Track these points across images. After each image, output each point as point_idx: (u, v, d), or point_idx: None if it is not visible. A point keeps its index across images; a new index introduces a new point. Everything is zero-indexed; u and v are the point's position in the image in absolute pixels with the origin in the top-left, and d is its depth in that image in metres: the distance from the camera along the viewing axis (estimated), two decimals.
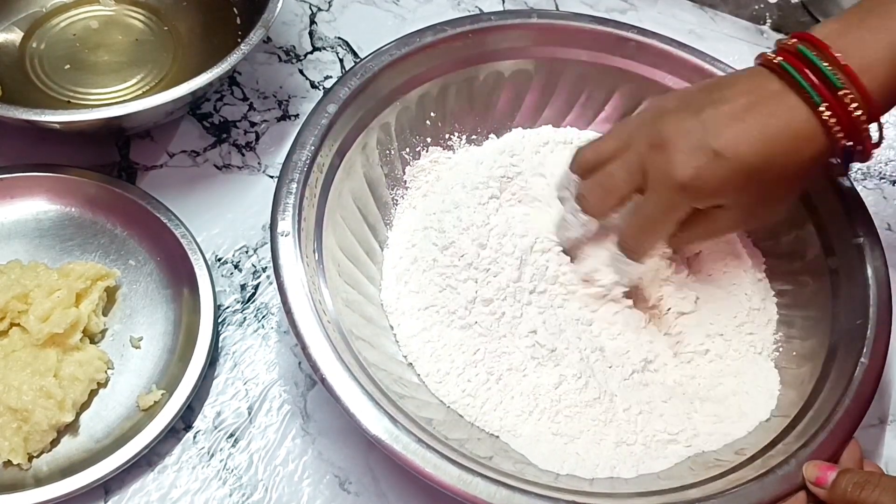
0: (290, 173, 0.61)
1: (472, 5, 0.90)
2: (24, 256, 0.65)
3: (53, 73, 0.75)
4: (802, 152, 0.54)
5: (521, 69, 0.73)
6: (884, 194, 0.80)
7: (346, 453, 0.60)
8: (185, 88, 0.65)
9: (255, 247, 0.70)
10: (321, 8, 0.87)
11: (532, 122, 0.74)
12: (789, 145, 0.54)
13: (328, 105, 0.64)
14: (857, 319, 0.59)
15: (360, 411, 0.52)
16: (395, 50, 0.68)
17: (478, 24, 0.71)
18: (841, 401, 0.55)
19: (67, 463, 0.57)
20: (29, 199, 0.68)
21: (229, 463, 0.59)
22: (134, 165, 0.73)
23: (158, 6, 0.81)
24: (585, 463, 0.57)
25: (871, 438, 0.64)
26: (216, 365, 0.63)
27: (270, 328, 0.65)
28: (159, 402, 0.58)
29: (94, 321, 0.61)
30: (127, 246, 0.67)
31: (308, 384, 0.63)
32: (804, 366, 0.61)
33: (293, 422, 0.61)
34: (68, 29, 0.78)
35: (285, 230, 0.58)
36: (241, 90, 0.79)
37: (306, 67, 0.82)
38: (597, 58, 0.73)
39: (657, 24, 0.77)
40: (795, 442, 0.55)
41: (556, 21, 0.73)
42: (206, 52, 0.77)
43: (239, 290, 0.67)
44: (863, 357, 0.57)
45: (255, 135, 0.76)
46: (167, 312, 0.64)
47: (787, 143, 0.54)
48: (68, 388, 0.57)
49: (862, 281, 0.61)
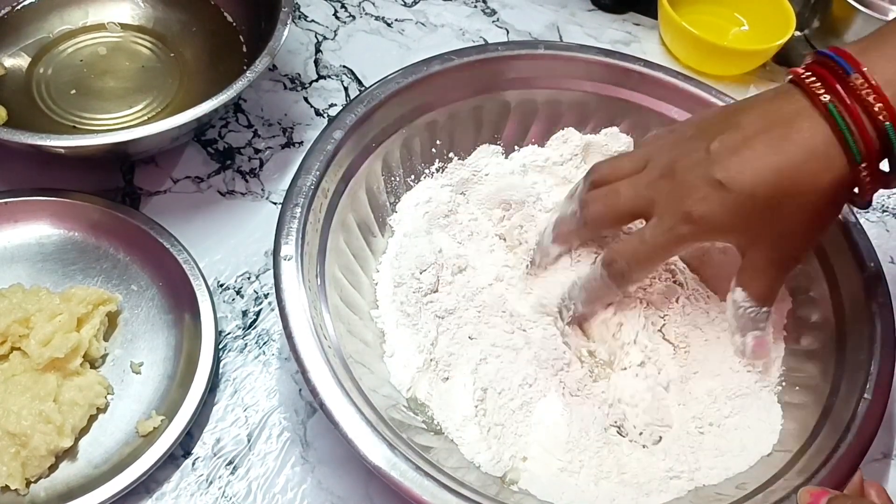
0: (294, 198, 0.61)
1: (477, 36, 0.90)
2: (26, 280, 0.65)
3: (59, 98, 0.75)
4: (820, 178, 0.51)
5: (527, 99, 0.73)
6: (887, 227, 0.80)
7: (345, 482, 0.60)
8: (191, 115, 0.65)
9: (257, 273, 0.69)
10: (326, 37, 0.88)
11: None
12: (803, 171, 0.51)
13: (334, 131, 0.65)
14: (861, 355, 0.59)
15: (357, 437, 0.52)
16: (402, 78, 0.69)
17: (485, 54, 0.72)
18: (844, 437, 0.55)
19: (65, 489, 0.56)
20: (32, 223, 0.68)
21: (228, 491, 0.59)
22: (138, 191, 0.73)
23: (165, 33, 0.81)
24: (585, 495, 0.56)
25: (875, 473, 0.64)
26: (216, 391, 0.63)
27: (272, 355, 0.65)
28: (159, 428, 0.58)
29: (95, 346, 0.61)
30: (129, 271, 0.67)
31: (308, 412, 0.63)
32: (807, 400, 0.61)
33: (293, 449, 0.61)
34: (75, 55, 0.79)
35: (288, 254, 0.58)
36: (245, 117, 0.79)
37: (311, 95, 0.83)
38: (602, 89, 0.73)
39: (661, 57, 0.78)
40: (797, 477, 0.54)
41: (562, 52, 0.73)
42: (211, 79, 0.78)
43: (240, 317, 0.67)
44: (866, 393, 0.57)
45: (259, 161, 0.77)
46: (168, 338, 0.64)
47: (800, 167, 0.51)
48: (68, 413, 0.57)
49: (867, 316, 0.60)
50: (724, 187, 0.52)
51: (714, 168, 0.53)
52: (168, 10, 0.83)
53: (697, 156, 0.54)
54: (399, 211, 0.70)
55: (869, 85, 0.50)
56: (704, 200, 0.53)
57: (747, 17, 0.92)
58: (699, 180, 0.53)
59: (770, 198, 0.52)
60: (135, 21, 0.82)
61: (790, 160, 0.52)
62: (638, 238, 0.57)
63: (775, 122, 0.53)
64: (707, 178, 0.53)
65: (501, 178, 0.70)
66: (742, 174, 0.52)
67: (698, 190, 0.53)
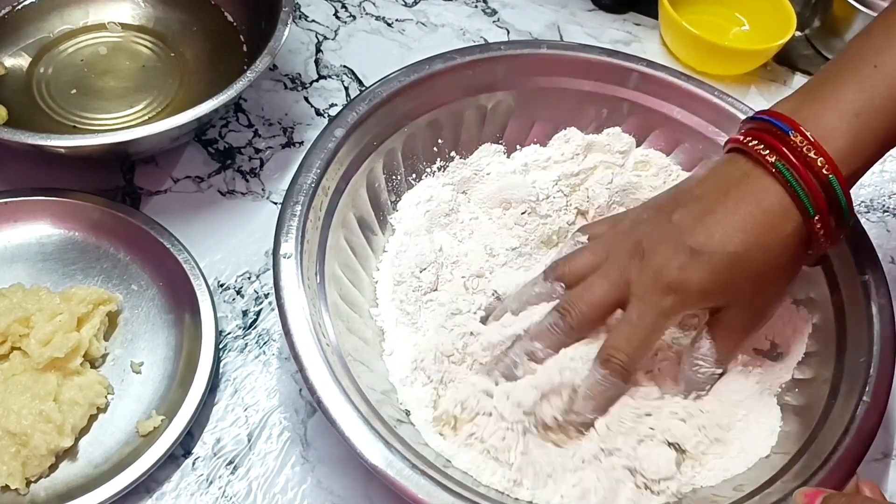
0: (294, 196, 0.61)
1: (477, 36, 0.90)
2: (26, 280, 0.65)
3: (60, 98, 0.75)
4: (781, 229, 0.54)
5: (529, 99, 0.73)
6: (887, 227, 0.80)
7: (345, 482, 0.60)
8: (191, 115, 0.65)
9: (257, 273, 0.69)
10: (327, 36, 0.88)
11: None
12: (765, 225, 0.54)
13: (336, 129, 0.65)
14: (861, 357, 0.59)
15: (355, 435, 0.52)
16: (404, 77, 0.69)
17: (487, 53, 0.72)
18: (842, 439, 0.55)
19: (65, 489, 0.57)
20: (33, 223, 0.68)
21: (228, 490, 0.59)
22: (138, 190, 0.73)
23: (165, 33, 0.81)
24: (581, 495, 0.56)
25: (875, 473, 0.64)
26: (216, 391, 0.63)
27: (272, 354, 0.65)
28: (159, 427, 0.58)
29: (95, 346, 0.61)
30: (129, 271, 0.67)
31: (308, 411, 0.63)
32: (806, 402, 0.60)
33: (293, 449, 0.61)
34: (76, 55, 0.79)
35: (288, 252, 0.58)
36: (246, 117, 0.79)
37: (311, 95, 0.83)
38: (603, 89, 0.73)
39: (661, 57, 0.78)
40: (794, 479, 0.54)
41: (564, 52, 0.73)
42: (212, 78, 0.78)
43: (241, 316, 0.67)
44: (865, 395, 0.56)
45: (259, 161, 0.77)
46: (168, 338, 0.64)
47: (762, 223, 0.54)
48: (68, 413, 0.57)
49: (866, 318, 0.60)
50: (697, 253, 0.54)
51: (684, 237, 0.54)
52: (168, 10, 0.83)
53: (662, 230, 0.55)
54: (400, 209, 0.70)
55: (808, 142, 0.53)
56: (681, 269, 0.54)
57: (748, 17, 0.91)
58: (672, 252, 0.55)
59: (740, 255, 0.54)
60: (135, 21, 0.82)
61: (752, 219, 0.54)
62: (626, 325, 0.56)
63: (729, 188, 0.55)
64: (679, 247, 0.54)
65: (503, 178, 0.70)
66: (712, 238, 0.54)
67: (673, 261, 0.54)
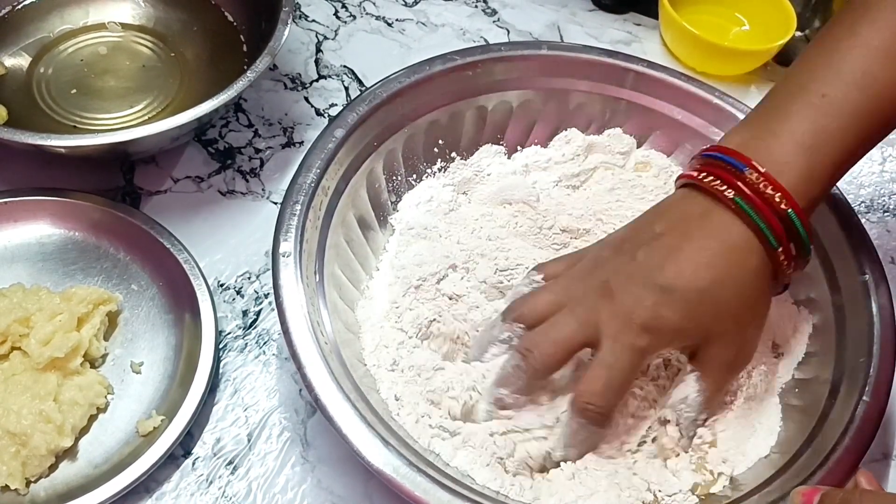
0: (294, 195, 0.61)
1: (478, 36, 0.90)
2: (26, 280, 0.65)
3: (60, 97, 0.75)
4: (747, 263, 0.54)
5: (530, 99, 0.73)
6: (887, 227, 0.79)
7: (345, 482, 0.60)
8: (191, 115, 0.65)
9: (257, 273, 0.69)
10: (327, 36, 0.88)
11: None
12: (732, 260, 0.54)
13: (336, 129, 0.65)
14: (861, 357, 0.59)
15: (353, 434, 0.52)
16: (405, 77, 0.69)
17: (487, 54, 0.72)
18: (841, 439, 0.55)
19: (65, 489, 0.57)
20: (33, 223, 0.68)
21: (228, 490, 0.59)
22: (138, 190, 0.73)
23: (166, 33, 0.81)
24: (584, 498, 0.56)
25: (874, 473, 0.62)
26: (216, 391, 0.63)
27: (272, 354, 0.65)
28: (159, 427, 0.58)
29: (95, 346, 0.61)
30: (129, 270, 0.67)
31: (308, 411, 0.63)
32: (806, 402, 0.60)
33: (293, 449, 0.61)
34: (76, 54, 0.79)
35: (287, 251, 0.58)
36: (246, 117, 0.79)
37: (311, 95, 0.83)
38: (604, 89, 0.73)
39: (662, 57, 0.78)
40: (794, 479, 0.54)
41: (564, 53, 0.73)
42: (212, 78, 0.78)
43: (241, 316, 0.67)
44: (865, 395, 0.56)
45: (259, 161, 0.77)
46: (168, 338, 0.64)
47: (728, 259, 0.54)
48: (68, 413, 0.57)
49: (866, 318, 0.60)
50: (668, 291, 0.53)
51: (653, 275, 0.54)
52: (169, 10, 0.83)
53: (629, 269, 0.55)
54: (400, 210, 0.70)
55: (763, 177, 0.53)
56: (654, 307, 0.53)
57: (748, 17, 0.91)
58: (642, 291, 0.54)
59: (711, 291, 0.53)
60: (135, 20, 0.82)
61: (718, 255, 0.54)
62: (602, 368, 0.53)
63: (691, 225, 0.55)
64: (649, 286, 0.53)
65: (503, 178, 0.70)
66: (682, 275, 0.53)
67: (645, 300, 0.53)
